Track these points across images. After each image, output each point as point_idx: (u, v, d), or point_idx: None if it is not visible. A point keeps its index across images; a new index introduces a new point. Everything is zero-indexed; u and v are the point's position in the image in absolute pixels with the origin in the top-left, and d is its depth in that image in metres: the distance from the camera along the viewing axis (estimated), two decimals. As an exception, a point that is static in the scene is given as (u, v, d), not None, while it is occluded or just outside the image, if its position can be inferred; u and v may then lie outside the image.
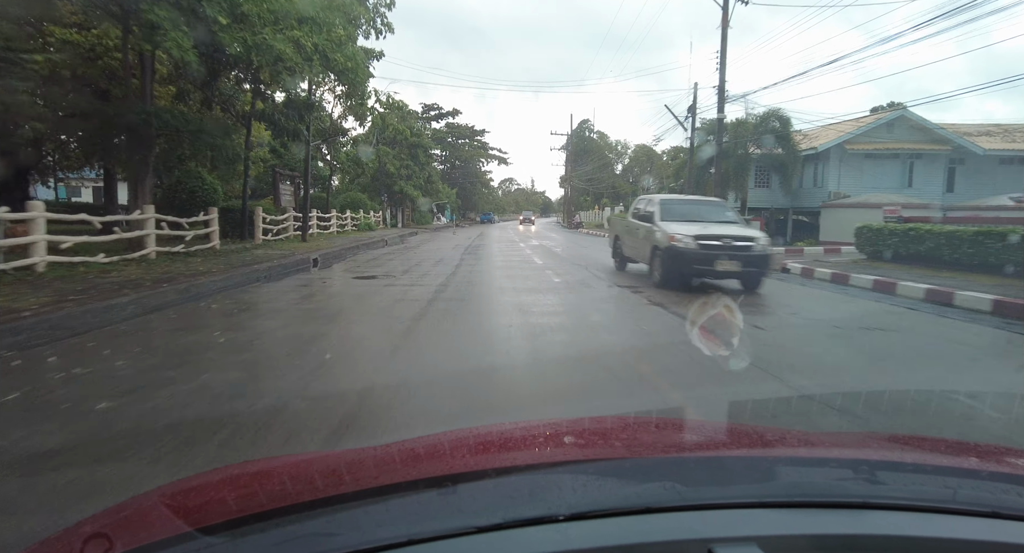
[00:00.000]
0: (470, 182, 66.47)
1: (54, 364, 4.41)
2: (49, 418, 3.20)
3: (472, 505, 0.80)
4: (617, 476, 0.91)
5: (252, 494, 0.96)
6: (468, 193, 67.03)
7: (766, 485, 0.91)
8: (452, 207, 61.03)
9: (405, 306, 7.42)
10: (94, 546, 0.79)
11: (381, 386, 3.96)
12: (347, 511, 0.79)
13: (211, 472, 1.24)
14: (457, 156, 64.11)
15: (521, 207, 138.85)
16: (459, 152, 63.65)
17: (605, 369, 4.54)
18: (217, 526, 0.76)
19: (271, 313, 7.11)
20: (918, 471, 0.99)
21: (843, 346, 5.71)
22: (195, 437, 2.96)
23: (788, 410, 3.59)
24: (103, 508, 1.00)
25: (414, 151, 39.65)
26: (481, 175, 70.72)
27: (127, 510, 0.98)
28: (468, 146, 64.60)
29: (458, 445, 1.18)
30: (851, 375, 4.58)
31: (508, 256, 15.94)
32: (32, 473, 2.57)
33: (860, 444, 1.37)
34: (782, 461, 1.04)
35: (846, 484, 0.89)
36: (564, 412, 3.52)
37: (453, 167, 66.03)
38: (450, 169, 65.47)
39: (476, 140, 65.79)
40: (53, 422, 3.14)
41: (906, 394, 3.98)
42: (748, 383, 4.09)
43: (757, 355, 4.75)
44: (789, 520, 0.77)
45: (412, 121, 40.69)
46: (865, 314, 7.63)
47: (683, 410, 3.38)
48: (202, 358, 4.63)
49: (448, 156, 64.24)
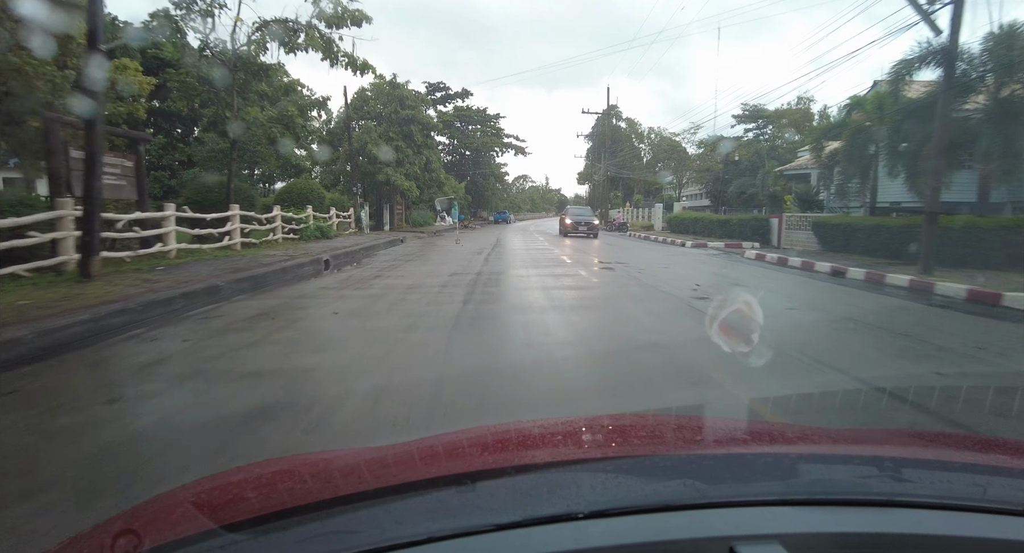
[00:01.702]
0: (482, 175, 56.47)
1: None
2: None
3: (491, 503, 0.79)
4: (636, 474, 0.89)
5: (274, 492, 0.98)
6: (479, 188, 57.09)
7: (788, 482, 0.88)
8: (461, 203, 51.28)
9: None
10: (124, 542, 0.78)
11: None
12: (367, 509, 0.79)
13: (234, 470, 1.26)
14: (467, 145, 54.15)
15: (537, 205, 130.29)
16: (469, 140, 53.63)
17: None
18: (241, 524, 0.77)
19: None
20: (945, 468, 0.98)
21: None
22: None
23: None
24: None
25: (407, 128, 29.86)
26: (495, 167, 60.51)
27: (154, 508, 1.00)
28: (480, 133, 54.43)
29: (477, 443, 1.17)
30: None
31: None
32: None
33: (884, 441, 1.36)
34: (804, 458, 1.02)
35: (870, 481, 0.88)
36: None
37: (462, 158, 56.05)
38: (458, 161, 55.50)
39: (489, 125, 55.70)
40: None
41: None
42: None
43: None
44: (812, 518, 0.76)
45: (404, 91, 30.92)
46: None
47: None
48: None
49: (456, 145, 54.36)
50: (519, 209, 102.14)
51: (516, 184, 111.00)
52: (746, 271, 12.42)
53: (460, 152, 55.34)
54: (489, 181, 58.73)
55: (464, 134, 53.69)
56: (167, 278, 8.08)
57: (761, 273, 12.09)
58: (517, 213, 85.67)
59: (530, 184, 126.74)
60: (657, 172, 53.77)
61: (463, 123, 53.82)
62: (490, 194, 60.61)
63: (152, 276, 8.20)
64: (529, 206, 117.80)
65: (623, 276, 10.75)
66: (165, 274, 8.47)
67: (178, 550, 0.72)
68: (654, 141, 58.35)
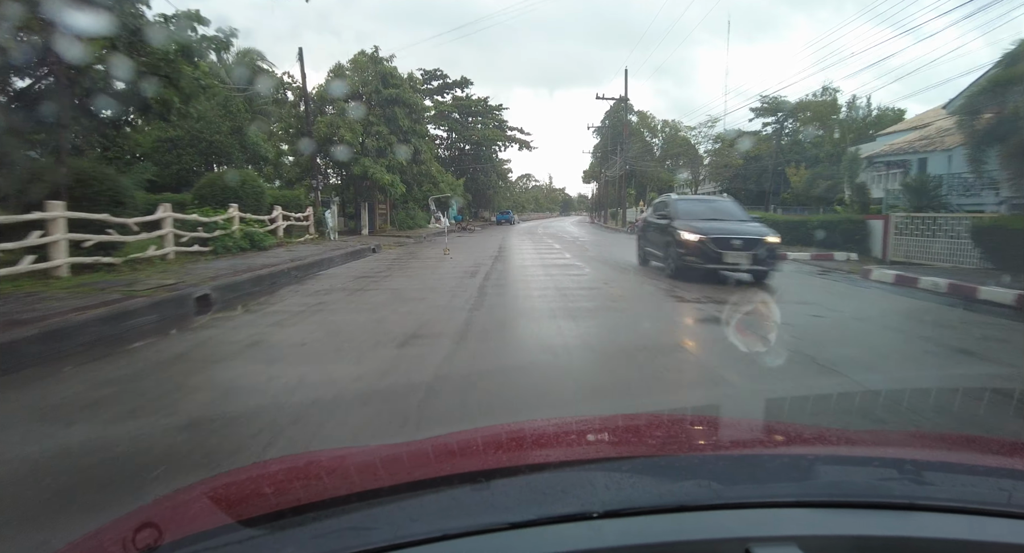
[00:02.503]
0: (483, 172, 51.19)
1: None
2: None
3: (505, 501, 0.79)
4: (651, 474, 0.88)
5: (290, 488, 0.98)
6: (480, 187, 51.79)
7: (805, 484, 0.87)
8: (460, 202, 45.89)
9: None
10: (145, 535, 0.78)
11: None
12: (382, 506, 0.79)
13: (251, 466, 1.31)
14: (466, 138, 48.90)
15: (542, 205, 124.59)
16: (469, 133, 48.37)
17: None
18: (258, 519, 0.77)
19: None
20: (969, 472, 0.95)
21: None
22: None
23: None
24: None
25: (390, 111, 24.57)
26: (498, 164, 55.19)
27: (173, 502, 1.01)
28: (481, 125, 49.16)
29: (491, 441, 1.16)
30: None
31: None
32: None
33: (905, 443, 1.31)
34: (822, 459, 1.00)
35: (890, 484, 0.85)
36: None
37: (461, 154, 50.77)
38: (457, 156, 50.23)
39: (492, 116, 50.40)
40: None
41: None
42: None
43: None
44: (830, 520, 0.74)
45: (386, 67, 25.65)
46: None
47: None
48: None
49: (455, 139, 49.11)
50: (523, 208, 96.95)
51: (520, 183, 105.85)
52: (945, 318, 7.13)
53: (459, 147, 50.12)
54: (491, 178, 53.47)
55: (464, 127, 48.39)
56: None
57: (981, 325, 6.80)
58: (521, 213, 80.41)
59: (534, 183, 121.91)
60: (669, 168, 49.33)
61: (462, 115, 48.58)
62: (492, 193, 55.35)
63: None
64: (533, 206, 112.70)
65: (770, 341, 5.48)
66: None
67: (196, 544, 0.73)
68: (669, 135, 53.15)
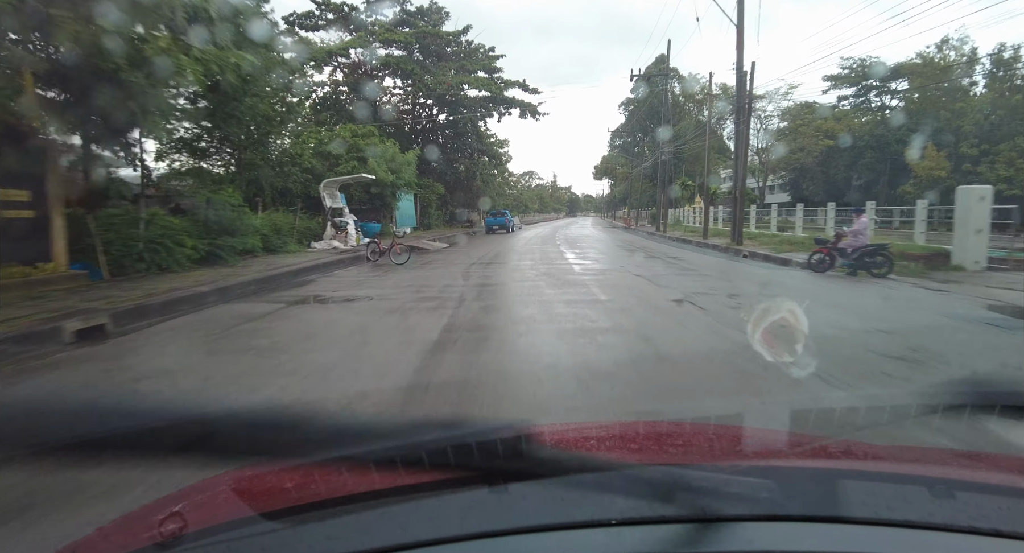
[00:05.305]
0: (461, 148, 33.50)
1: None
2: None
3: (523, 505, 0.80)
4: (671, 482, 0.85)
5: (312, 483, 1.00)
6: (460, 176, 34.05)
7: (832, 499, 0.84)
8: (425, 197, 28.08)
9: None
10: (170, 523, 0.81)
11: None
12: (400, 505, 0.80)
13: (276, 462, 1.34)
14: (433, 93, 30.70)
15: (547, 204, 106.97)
16: (437, 83, 30.05)
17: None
18: (279, 512, 0.81)
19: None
20: (996, 492, 0.91)
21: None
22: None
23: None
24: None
25: None
26: (488, 143, 36.67)
27: (199, 493, 1.05)
28: (456, 70, 31.04)
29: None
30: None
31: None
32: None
33: (934, 460, 1.29)
34: (850, 474, 0.97)
35: (918, 502, 0.84)
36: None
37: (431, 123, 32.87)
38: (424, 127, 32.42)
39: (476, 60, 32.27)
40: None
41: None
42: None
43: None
44: (853, 535, 0.74)
45: None
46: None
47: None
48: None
49: (414, 94, 31.15)
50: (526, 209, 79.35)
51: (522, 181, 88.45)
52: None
53: (422, 105, 32.19)
54: (477, 161, 35.60)
55: (428, 73, 30.25)
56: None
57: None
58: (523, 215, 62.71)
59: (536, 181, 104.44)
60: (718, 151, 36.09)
61: (426, 55, 30.78)
62: (479, 183, 37.29)
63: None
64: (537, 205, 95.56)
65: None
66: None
67: (219, 534, 0.75)
68: (727, 98, 35.55)
